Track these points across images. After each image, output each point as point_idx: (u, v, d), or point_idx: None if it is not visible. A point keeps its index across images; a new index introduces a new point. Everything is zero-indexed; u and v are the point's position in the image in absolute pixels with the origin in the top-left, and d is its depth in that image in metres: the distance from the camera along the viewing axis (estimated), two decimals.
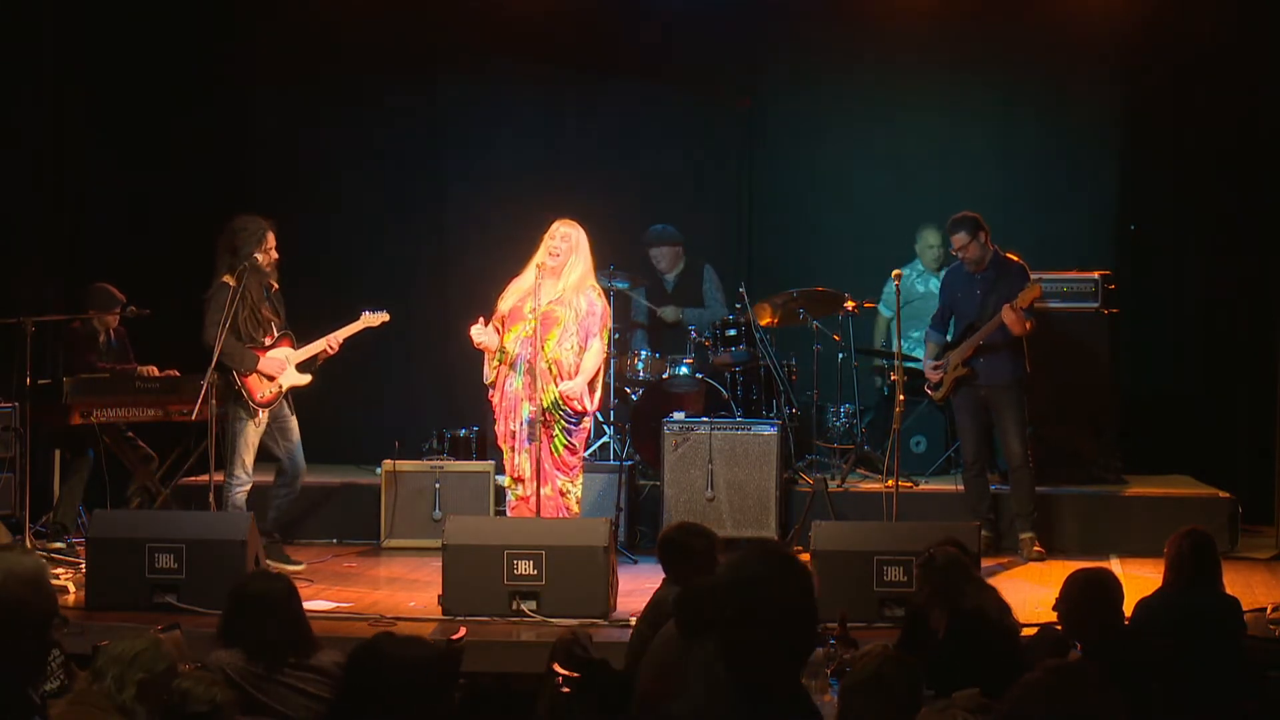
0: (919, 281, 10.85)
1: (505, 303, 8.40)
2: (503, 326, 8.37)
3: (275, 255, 8.89)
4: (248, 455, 8.75)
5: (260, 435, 8.84)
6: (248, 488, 8.77)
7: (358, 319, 9.02)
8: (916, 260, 10.87)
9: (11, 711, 3.37)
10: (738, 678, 3.31)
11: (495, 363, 8.38)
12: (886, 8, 11.35)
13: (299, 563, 8.94)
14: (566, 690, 4.80)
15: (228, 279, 8.64)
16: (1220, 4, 10.82)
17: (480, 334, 8.34)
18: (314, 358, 9.00)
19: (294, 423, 9.00)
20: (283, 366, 8.83)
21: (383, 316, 9.06)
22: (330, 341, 8.95)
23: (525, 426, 8.25)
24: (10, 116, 10.51)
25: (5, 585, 3.31)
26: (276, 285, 9.02)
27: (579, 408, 8.26)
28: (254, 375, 8.74)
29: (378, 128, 11.95)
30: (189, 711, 4.14)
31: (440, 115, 11.96)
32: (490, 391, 8.47)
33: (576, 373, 8.24)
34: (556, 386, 8.20)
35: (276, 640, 4.93)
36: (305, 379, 8.97)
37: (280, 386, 8.84)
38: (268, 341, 8.85)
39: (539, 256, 8.33)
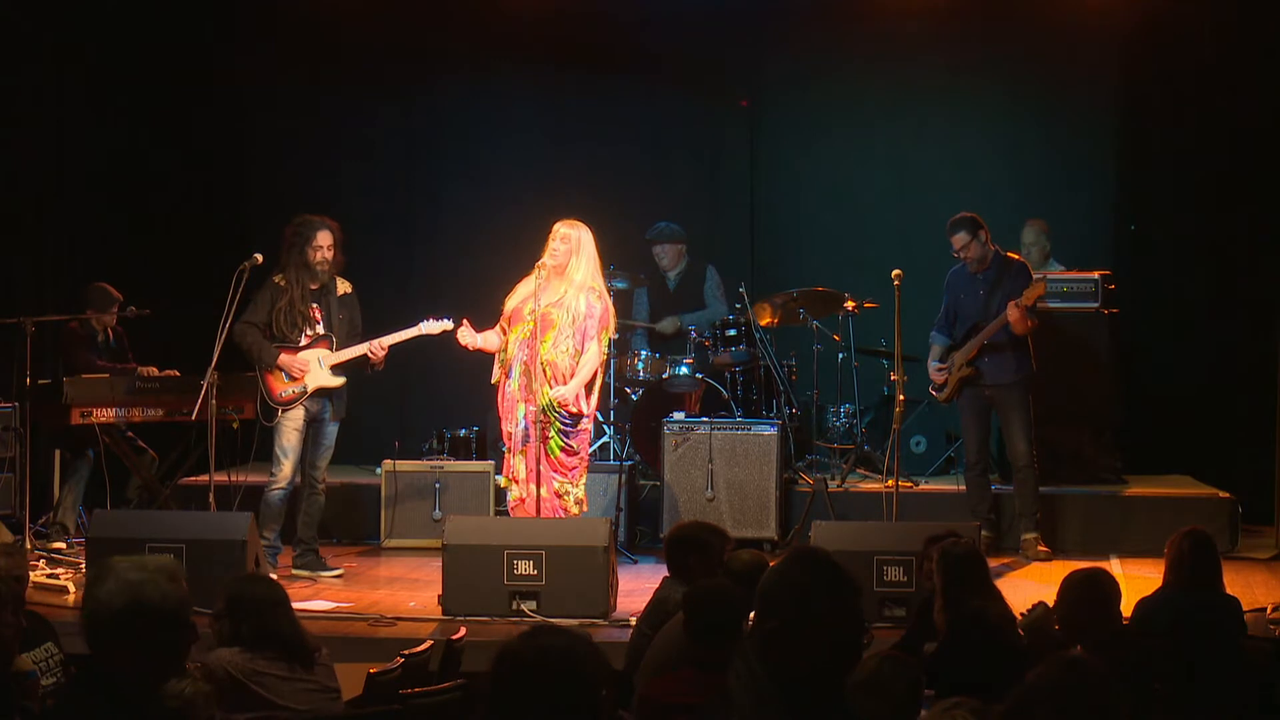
0: None
1: (509, 303, 8.37)
2: (510, 324, 8.35)
3: (328, 255, 8.65)
4: (281, 454, 8.65)
5: (298, 433, 8.67)
6: (284, 487, 8.66)
7: (414, 325, 8.67)
8: None
9: (151, 704, 3.43)
10: (782, 686, 3.28)
11: (501, 360, 8.36)
12: (886, 8, 11.36)
13: (336, 569, 8.83)
14: None
15: (277, 277, 8.62)
16: (1220, 5, 10.82)
17: (466, 337, 8.32)
18: (359, 362, 8.73)
19: (330, 430, 8.78)
20: (305, 366, 8.63)
21: (445, 326, 8.59)
22: (374, 346, 8.64)
23: (521, 428, 8.22)
24: (10, 116, 10.51)
25: (153, 581, 3.38)
26: (349, 288, 8.80)
27: (574, 410, 8.23)
28: (276, 372, 8.65)
29: (377, 128, 11.96)
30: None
31: (440, 115, 11.96)
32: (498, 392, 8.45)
33: (573, 375, 8.22)
34: (550, 389, 8.18)
35: (279, 639, 4.95)
36: (338, 381, 8.71)
37: (305, 387, 8.66)
38: (304, 341, 8.68)
39: (543, 258, 8.31)
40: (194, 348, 9.03)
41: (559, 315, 8.18)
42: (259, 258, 8.59)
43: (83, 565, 8.24)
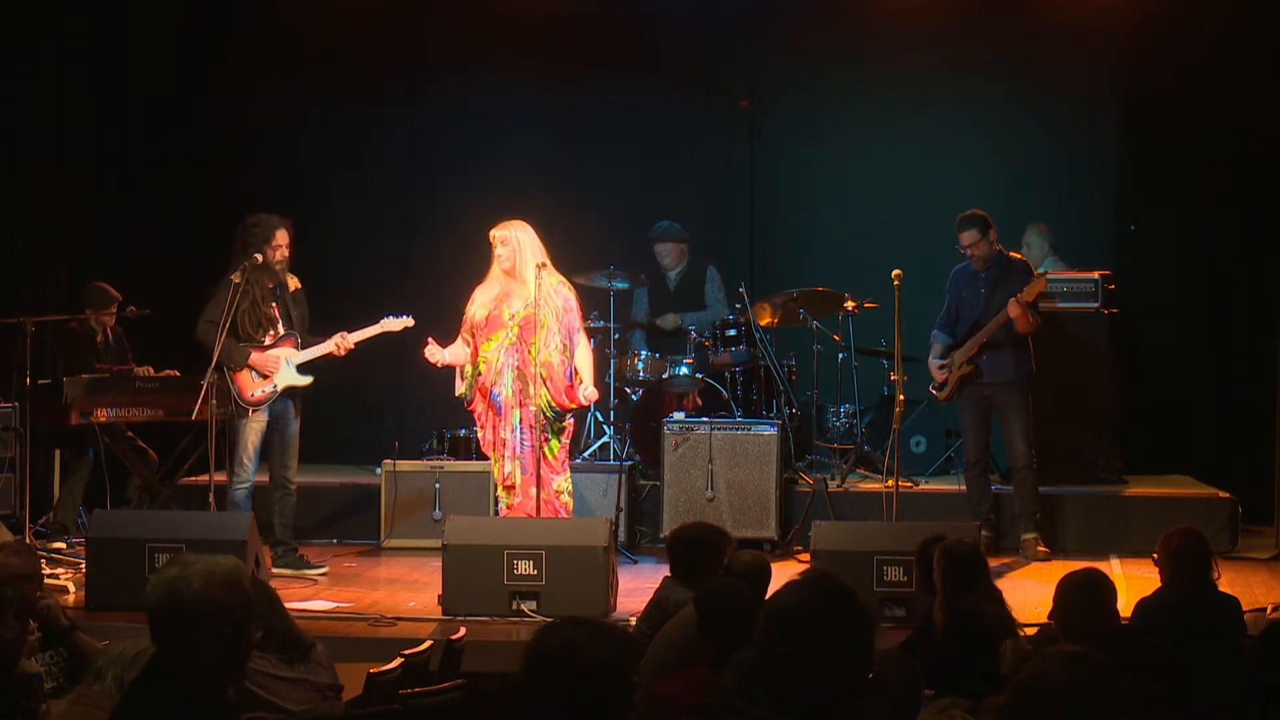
0: None
1: (479, 311, 8.29)
2: (475, 336, 8.28)
3: (286, 254, 8.70)
4: (245, 454, 8.66)
5: (260, 434, 8.70)
6: (247, 486, 8.69)
7: (376, 322, 8.76)
8: None
9: (213, 713, 3.44)
10: (779, 710, 3.25)
11: (471, 374, 8.30)
12: (886, 8, 11.37)
13: (320, 566, 8.83)
14: None
15: (235, 276, 8.62)
16: (1220, 4, 10.83)
17: (435, 354, 8.29)
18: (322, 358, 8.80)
19: (294, 428, 8.79)
20: (276, 365, 8.67)
21: (406, 322, 8.76)
22: (339, 342, 8.72)
23: (517, 434, 8.20)
24: (10, 117, 10.51)
25: (206, 588, 3.38)
26: (298, 285, 8.86)
27: (568, 405, 8.23)
28: (245, 372, 8.64)
29: (376, 128, 11.96)
30: None
31: (439, 116, 11.95)
32: (467, 403, 8.42)
33: (565, 373, 8.18)
34: (548, 390, 8.15)
35: (273, 636, 4.96)
36: (306, 380, 8.76)
37: (275, 387, 8.69)
38: (268, 340, 8.71)
39: (497, 265, 8.28)
40: (194, 348, 9.02)
41: (544, 314, 8.17)
42: (259, 258, 8.60)
43: (83, 565, 8.23)
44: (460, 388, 8.37)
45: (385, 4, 11.64)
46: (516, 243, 8.24)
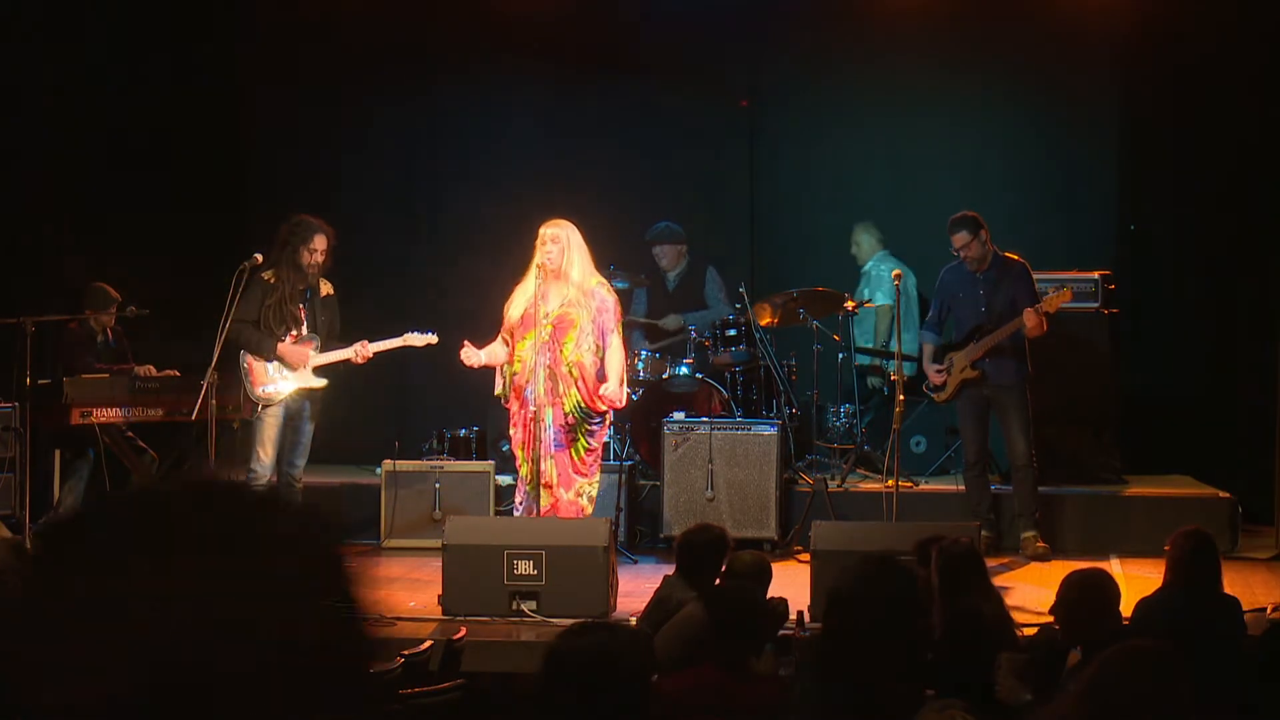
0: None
1: (515, 310, 8.27)
2: (512, 335, 8.28)
3: (321, 258, 8.71)
4: (260, 449, 8.68)
5: (277, 429, 8.71)
6: (264, 480, 8.71)
7: (399, 336, 8.79)
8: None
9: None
10: (843, 694, 3.25)
11: (509, 372, 8.29)
12: (886, 8, 11.37)
13: None
14: None
15: (268, 275, 8.64)
16: (1220, 3, 10.83)
17: (472, 357, 8.29)
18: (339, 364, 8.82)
19: (309, 429, 8.83)
20: (305, 357, 8.67)
21: (429, 339, 8.77)
22: (359, 350, 8.74)
23: (551, 434, 8.19)
24: (9, 117, 10.51)
25: None
26: (330, 291, 8.89)
27: (602, 408, 8.24)
28: (262, 368, 8.66)
29: (377, 129, 11.97)
30: None
31: (439, 116, 11.96)
32: (505, 401, 8.40)
33: (597, 374, 8.18)
34: (578, 390, 8.15)
35: None
36: (320, 383, 8.78)
37: (291, 385, 8.70)
38: (289, 340, 8.73)
39: (536, 260, 8.27)
40: (194, 348, 9.03)
41: (577, 314, 8.15)
42: (259, 257, 8.61)
43: None
44: (500, 386, 8.36)
45: (385, 4, 11.64)
46: (566, 242, 8.21)
